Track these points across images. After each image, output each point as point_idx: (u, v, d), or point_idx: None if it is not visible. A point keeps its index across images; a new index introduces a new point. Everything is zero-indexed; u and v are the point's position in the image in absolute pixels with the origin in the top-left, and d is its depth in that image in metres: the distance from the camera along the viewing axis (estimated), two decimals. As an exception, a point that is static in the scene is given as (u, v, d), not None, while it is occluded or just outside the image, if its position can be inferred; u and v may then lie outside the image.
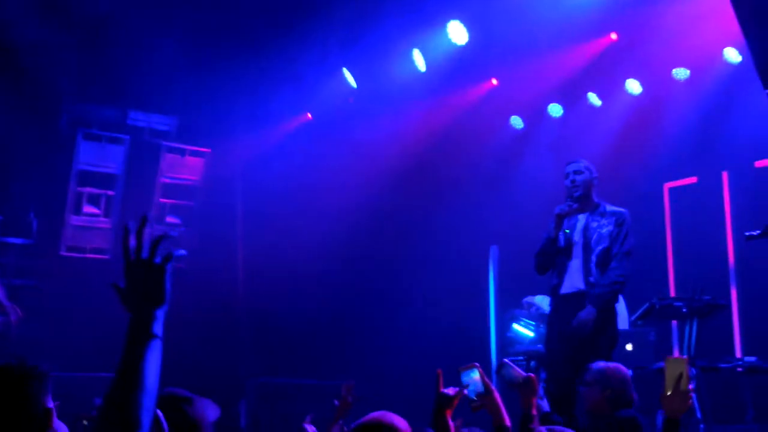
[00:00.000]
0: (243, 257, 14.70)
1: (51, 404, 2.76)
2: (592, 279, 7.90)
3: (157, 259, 2.50)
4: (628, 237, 7.98)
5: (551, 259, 8.13)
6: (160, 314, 2.46)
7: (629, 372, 6.58)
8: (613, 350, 7.85)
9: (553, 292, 8.17)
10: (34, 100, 12.84)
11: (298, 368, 13.25)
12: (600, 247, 7.97)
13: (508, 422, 4.51)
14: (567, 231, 8.03)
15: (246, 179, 14.71)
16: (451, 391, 4.19)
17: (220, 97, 13.88)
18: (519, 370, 4.84)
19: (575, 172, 8.15)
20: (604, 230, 7.99)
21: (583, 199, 8.14)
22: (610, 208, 8.15)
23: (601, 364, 6.63)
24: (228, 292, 14.38)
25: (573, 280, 7.99)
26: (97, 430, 2.34)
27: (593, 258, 7.94)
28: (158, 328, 2.44)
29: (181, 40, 12.03)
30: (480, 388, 4.47)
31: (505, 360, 5.01)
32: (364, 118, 13.50)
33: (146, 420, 2.33)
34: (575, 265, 8.00)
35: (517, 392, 4.89)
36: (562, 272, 8.06)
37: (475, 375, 4.48)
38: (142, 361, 2.37)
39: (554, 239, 8.06)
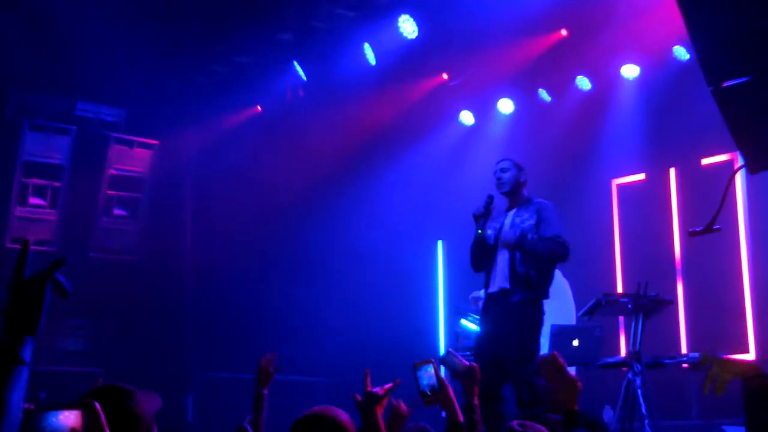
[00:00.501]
0: (191, 249, 14.61)
1: None
2: (516, 277, 7.90)
3: (41, 280, 2.36)
4: (552, 221, 7.97)
5: (482, 257, 8.14)
6: (31, 341, 2.33)
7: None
8: (538, 344, 7.84)
9: (484, 291, 8.19)
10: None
11: (246, 362, 13.17)
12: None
13: (461, 418, 4.52)
14: (480, 231, 8.04)
15: (194, 171, 14.63)
16: (379, 390, 4.19)
17: (169, 89, 13.77)
18: (462, 359, 4.84)
19: (501, 170, 8.20)
20: (526, 224, 8.01)
21: (511, 196, 8.19)
22: (537, 200, 8.18)
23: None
24: (175, 285, 14.29)
25: (498, 279, 7.99)
26: None
27: (517, 254, 7.94)
28: (27, 354, 2.32)
29: (130, 30, 11.92)
30: (434, 382, 4.47)
31: (450, 350, 5.02)
32: (313, 110, 13.47)
33: None
34: (501, 263, 7.99)
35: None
36: (490, 270, 8.08)
37: (430, 370, 4.48)
38: (7, 388, 2.25)
39: (479, 238, 8.08)
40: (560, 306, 9.99)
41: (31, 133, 13.31)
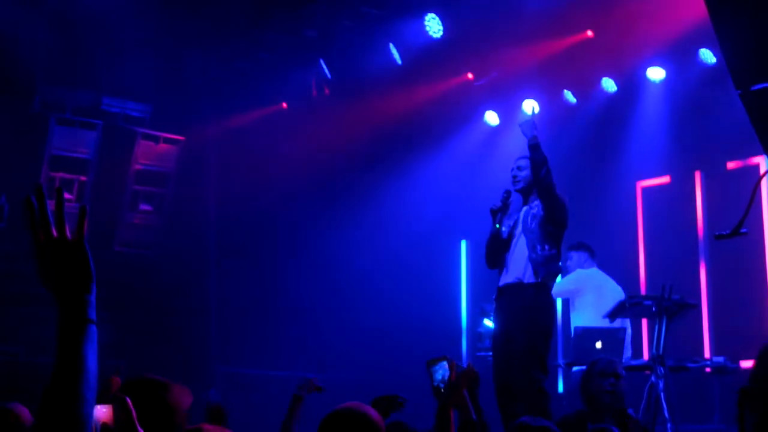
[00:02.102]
0: (215, 245, 14.66)
1: None
2: (534, 256, 7.92)
3: (71, 236, 2.34)
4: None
5: (497, 252, 8.17)
6: (92, 298, 2.29)
7: None
8: (548, 343, 7.86)
9: (497, 285, 8.22)
10: (6, 83, 12.74)
11: (268, 358, 13.22)
12: (533, 225, 8.01)
13: (474, 416, 4.54)
14: (498, 226, 8.10)
15: (220, 167, 14.65)
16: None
17: (195, 85, 13.82)
18: (457, 363, 4.84)
19: (518, 168, 8.26)
20: (534, 210, 8.05)
21: (526, 194, 8.22)
22: None
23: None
24: (199, 280, 14.33)
25: (512, 271, 8.01)
26: (36, 427, 2.21)
27: (530, 242, 7.97)
28: (92, 312, 2.28)
29: (156, 26, 11.97)
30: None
31: (447, 357, 5.01)
32: (338, 108, 13.48)
33: (89, 413, 2.19)
34: (516, 256, 8.03)
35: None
36: (504, 265, 8.11)
37: (445, 366, 4.50)
38: (82, 351, 2.22)
39: (496, 233, 8.12)
40: (596, 301, 9.96)
41: (58, 127, 13.37)
